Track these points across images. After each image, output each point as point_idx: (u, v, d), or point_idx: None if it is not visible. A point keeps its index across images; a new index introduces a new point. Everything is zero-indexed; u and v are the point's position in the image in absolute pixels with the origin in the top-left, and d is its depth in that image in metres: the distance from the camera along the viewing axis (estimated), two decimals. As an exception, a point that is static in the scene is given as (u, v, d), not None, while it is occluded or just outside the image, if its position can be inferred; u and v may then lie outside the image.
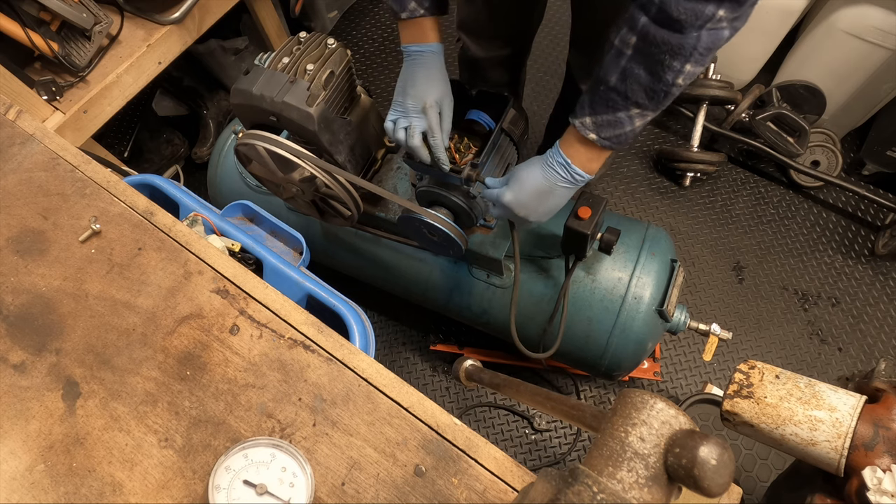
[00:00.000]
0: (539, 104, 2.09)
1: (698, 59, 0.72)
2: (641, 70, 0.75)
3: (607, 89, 0.79)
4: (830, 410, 0.72)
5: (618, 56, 0.76)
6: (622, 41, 0.75)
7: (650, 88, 0.76)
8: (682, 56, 0.71)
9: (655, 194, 1.92)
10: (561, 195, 0.92)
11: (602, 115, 0.82)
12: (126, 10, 1.46)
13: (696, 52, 0.71)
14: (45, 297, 0.82)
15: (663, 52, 0.72)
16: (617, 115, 0.81)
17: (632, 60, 0.75)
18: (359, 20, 2.35)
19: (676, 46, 0.70)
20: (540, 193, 0.91)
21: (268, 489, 0.65)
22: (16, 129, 0.97)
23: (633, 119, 0.81)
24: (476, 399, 1.65)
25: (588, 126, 0.83)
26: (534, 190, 0.91)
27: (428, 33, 0.94)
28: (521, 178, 0.92)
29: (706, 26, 0.68)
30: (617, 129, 0.82)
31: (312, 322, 0.79)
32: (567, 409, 0.59)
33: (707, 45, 0.71)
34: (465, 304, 1.31)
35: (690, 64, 0.72)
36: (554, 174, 0.89)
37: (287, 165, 0.98)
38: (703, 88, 1.80)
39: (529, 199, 0.92)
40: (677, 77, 0.74)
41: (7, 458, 0.71)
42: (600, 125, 0.82)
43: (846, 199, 1.87)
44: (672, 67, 0.73)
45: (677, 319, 1.22)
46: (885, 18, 1.57)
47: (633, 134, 0.83)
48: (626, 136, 0.83)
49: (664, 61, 0.73)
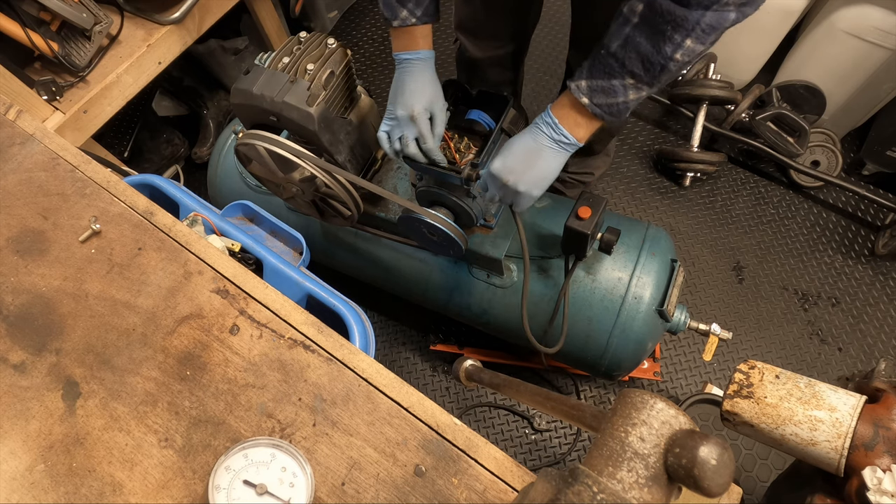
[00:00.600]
0: (539, 104, 2.09)
1: (700, 35, 0.73)
2: (643, 38, 0.76)
3: (607, 54, 0.80)
4: (830, 410, 0.72)
5: (623, 23, 0.77)
6: (630, 9, 0.76)
7: (648, 59, 0.77)
8: (684, 30, 0.72)
9: (655, 194, 1.92)
10: (548, 158, 0.91)
11: (597, 80, 0.82)
12: (126, 10, 1.46)
13: (699, 28, 0.72)
14: (45, 297, 0.82)
15: (666, 22, 0.72)
16: (612, 83, 0.81)
17: (635, 28, 0.76)
18: (359, 20, 2.35)
19: (680, 19, 0.71)
20: (526, 155, 0.91)
21: (268, 489, 0.65)
22: (16, 129, 0.97)
23: (627, 90, 0.81)
24: (476, 399, 1.65)
25: (582, 90, 0.84)
26: (520, 152, 0.91)
27: (418, 41, 0.95)
28: (509, 144, 0.93)
29: (712, 7, 0.70)
30: (609, 96, 0.82)
31: (312, 322, 0.79)
32: (567, 409, 0.59)
33: (710, 24, 0.72)
34: (465, 304, 1.31)
35: (691, 39, 0.73)
36: (540, 133, 0.89)
37: (287, 165, 0.98)
38: (703, 88, 1.80)
39: (516, 163, 0.91)
40: (676, 51, 0.75)
41: (7, 458, 0.71)
42: (594, 90, 0.83)
43: (846, 199, 1.87)
44: (673, 40, 0.74)
45: (677, 319, 1.22)
46: (885, 18, 1.57)
47: (624, 107, 0.84)
48: (618, 107, 0.83)
49: (665, 32, 0.73)
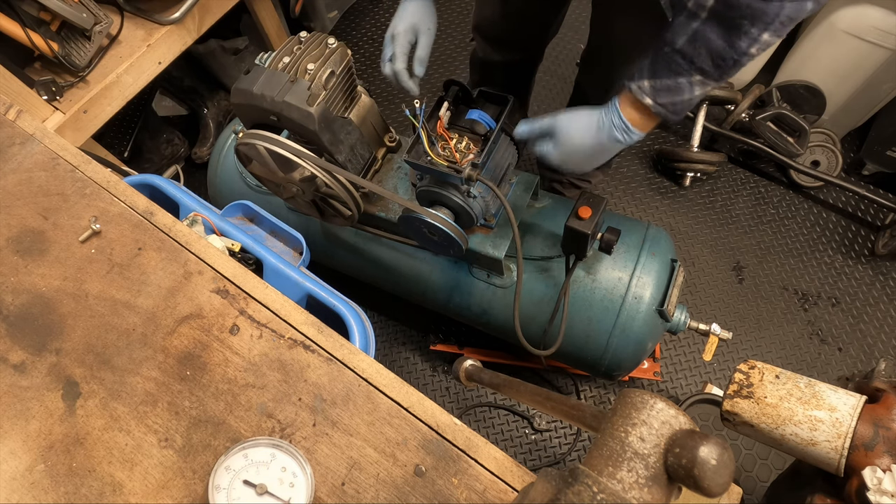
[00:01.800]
0: (539, 104, 2.09)
1: (778, 28, 0.70)
2: (714, 34, 0.73)
3: (672, 52, 0.77)
4: (830, 410, 0.72)
5: (690, 18, 0.74)
6: (697, 4, 0.73)
7: (719, 55, 0.74)
8: (763, 22, 0.69)
9: (655, 194, 1.92)
10: (609, 152, 0.92)
11: (662, 80, 0.79)
12: (126, 10, 1.46)
13: (778, 21, 0.69)
14: (45, 297, 0.82)
15: (744, 16, 0.69)
16: (678, 81, 0.78)
17: (705, 23, 0.73)
18: (359, 20, 2.35)
19: (759, 12, 0.68)
20: (592, 151, 0.91)
21: (268, 489, 0.65)
22: (16, 129, 0.97)
23: (694, 86, 0.79)
24: (476, 399, 1.65)
25: (645, 90, 0.81)
26: (587, 149, 0.91)
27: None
28: (570, 135, 0.91)
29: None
30: (675, 95, 0.80)
31: (312, 322, 0.79)
32: (567, 409, 0.59)
33: (789, 15, 0.69)
34: (465, 304, 1.31)
35: (769, 33, 0.70)
36: (611, 135, 0.87)
37: (287, 165, 0.98)
38: (703, 88, 1.80)
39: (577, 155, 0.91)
40: (752, 45, 0.72)
41: (7, 458, 0.71)
42: (658, 90, 0.80)
43: (846, 199, 1.87)
44: (749, 34, 0.71)
45: (677, 319, 1.22)
46: (885, 18, 1.57)
47: (689, 104, 0.81)
48: (683, 104, 0.81)
49: (742, 27, 0.70)
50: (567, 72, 2.15)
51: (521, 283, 1.08)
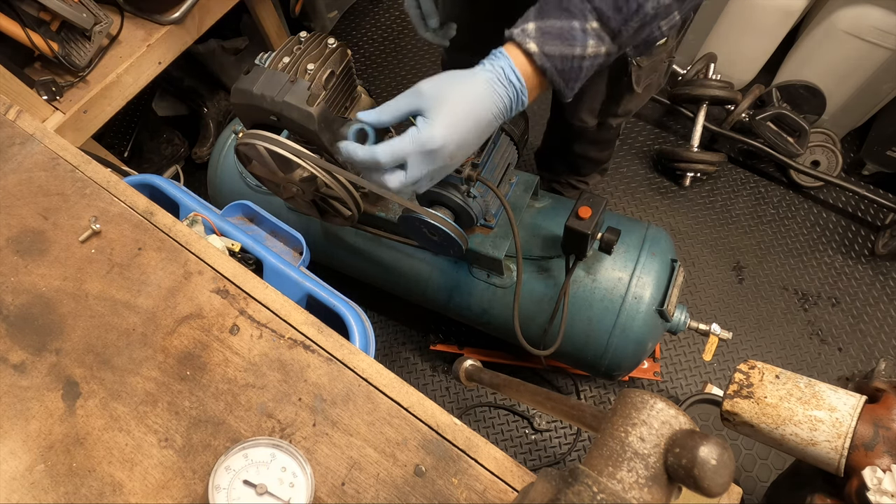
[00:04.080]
0: (539, 104, 2.08)
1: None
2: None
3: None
4: (830, 410, 0.72)
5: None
6: None
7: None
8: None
9: (655, 194, 1.92)
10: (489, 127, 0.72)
11: (551, 20, 0.65)
12: (126, 10, 1.46)
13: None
14: (45, 297, 0.82)
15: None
16: (571, 24, 0.65)
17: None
18: (359, 20, 2.35)
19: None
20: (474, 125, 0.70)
21: (268, 489, 0.65)
22: (16, 129, 0.97)
23: (587, 37, 0.65)
24: (476, 399, 1.65)
25: (530, 33, 0.66)
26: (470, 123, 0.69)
27: None
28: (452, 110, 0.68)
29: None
30: (565, 45, 0.65)
31: (312, 322, 0.79)
32: (567, 409, 0.59)
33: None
34: (465, 304, 1.31)
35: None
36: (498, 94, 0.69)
37: (287, 165, 0.98)
38: (703, 88, 1.80)
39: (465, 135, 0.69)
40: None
41: (7, 458, 0.71)
42: (546, 33, 0.66)
43: (846, 199, 1.87)
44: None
45: (677, 319, 1.22)
46: (885, 18, 1.57)
47: (579, 67, 0.67)
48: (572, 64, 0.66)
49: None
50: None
51: (521, 284, 1.08)
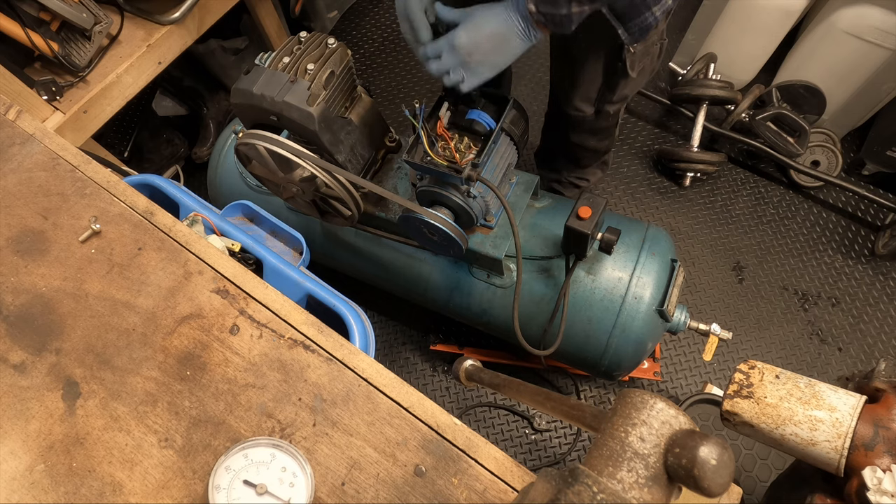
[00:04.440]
0: (539, 104, 2.09)
1: None
2: None
3: None
4: (830, 410, 0.72)
5: None
6: None
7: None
8: None
9: (655, 194, 1.92)
10: (514, 46, 0.91)
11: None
12: (126, 10, 1.46)
13: None
14: (45, 297, 0.82)
15: None
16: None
17: None
18: (359, 20, 2.35)
19: None
20: (494, 37, 0.90)
21: (268, 489, 0.65)
22: (16, 129, 0.97)
23: (571, 3, 0.83)
24: (476, 399, 1.65)
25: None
26: (489, 33, 0.89)
27: None
28: (474, 21, 0.91)
29: None
30: (552, 7, 0.84)
31: (312, 322, 0.79)
32: (567, 409, 0.59)
33: None
34: (465, 304, 1.31)
35: None
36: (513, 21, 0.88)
37: (287, 165, 0.98)
38: (703, 88, 1.80)
39: (482, 42, 0.90)
40: None
41: (7, 458, 0.71)
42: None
43: (846, 199, 1.87)
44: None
45: (677, 319, 1.22)
46: (885, 18, 1.57)
47: (567, 19, 0.85)
48: (560, 18, 0.84)
49: None
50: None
51: (521, 284, 1.08)
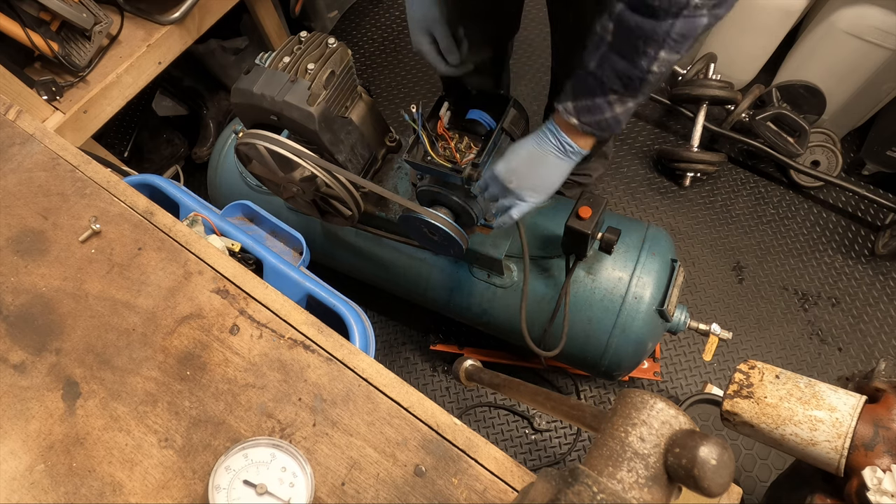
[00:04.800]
0: (539, 104, 2.09)
1: (673, 45, 0.72)
2: (617, 56, 0.76)
3: (586, 74, 0.80)
4: (830, 410, 0.72)
5: (599, 42, 0.77)
6: (602, 28, 0.76)
7: (625, 75, 0.77)
8: (656, 43, 0.72)
9: (655, 194, 1.92)
10: (553, 165, 0.91)
11: (581, 101, 0.82)
12: (126, 10, 1.46)
13: (670, 39, 0.71)
14: (45, 297, 0.82)
15: (637, 37, 0.72)
16: (595, 101, 0.81)
17: (610, 48, 0.76)
18: (359, 20, 2.35)
19: (650, 32, 0.71)
20: (531, 161, 0.91)
21: (268, 489, 0.65)
22: (16, 129, 0.97)
23: (613, 105, 0.81)
24: (476, 399, 1.65)
25: (570, 111, 0.84)
26: (525, 157, 0.91)
27: None
28: (512, 149, 0.93)
29: (682, 13, 0.68)
30: (596, 114, 0.82)
31: (312, 322, 0.79)
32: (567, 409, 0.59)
33: (681, 33, 0.70)
34: (465, 304, 1.31)
35: (665, 51, 0.73)
36: (545, 140, 0.89)
37: (288, 165, 0.98)
38: (703, 88, 1.79)
39: (520, 167, 0.91)
40: (651, 64, 0.74)
41: (7, 458, 0.71)
42: (580, 110, 0.83)
43: (846, 199, 1.87)
44: (647, 54, 0.73)
45: (677, 319, 1.22)
46: (885, 18, 1.57)
47: (614, 121, 0.83)
48: (608, 122, 0.83)
49: (639, 48, 0.73)
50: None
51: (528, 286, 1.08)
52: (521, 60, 2.17)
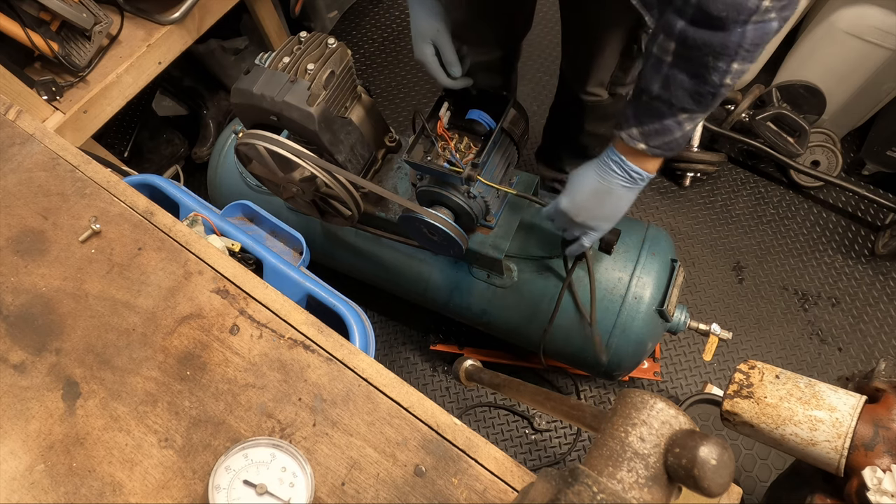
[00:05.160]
0: (539, 104, 2.09)
1: (745, 56, 0.67)
2: (684, 75, 0.71)
3: (650, 99, 0.76)
4: (830, 410, 0.72)
5: (658, 64, 0.72)
6: (661, 48, 0.71)
7: (696, 92, 0.73)
8: (727, 56, 0.67)
9: (655, 194, 1.92)
10: (620, 196, 0.88)
11: (649, 125, 0.79)
12: (126, 10, 1.46)
13: (743, 49, 0.66)
14: (45, 297, 0.82)
15: (705, 54, 0.67)
16: (664, 123, 0.78)
17: (673, 67, 0.71)
18: (359, 20, 2.35)
19: (719, 46, 0.66)
20: (597, 194, 0.89)
21: (268, 489, 0.65)
22: (16, 129, 0.97)
23: (683, 124, 0.78)
24: (476, 399, 1.65)
25: (636, 137, 0.81)
26: (590, 191, 0.89)
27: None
28: (574, 182, 0.91)
29: (752, 20, 0.63)
30: (666, 136, 0.80)
31: (312, 322, 0.79)
32: (567, 409, 0.59)
33: (754, 41, 0.65)
34: (465, 304, 1.31)
35: (738, 62, 0.67)
36: (609, 172, 0.86)
37: (287, 165, 0.98)
38: (703, 88, 1.79)
39: (586, 201, 0.89)
40: (724, 77, 0.70)
41: (7, 458, 0.71)
42: (648, 134, 0.80)
43: (846, 199, 1.87)
44: (717, 69, 0.68)
45: (677, 319, 1.22)
46: (885, 18, 1.57)
47: (684, 138, 0.81)
48: (678, 141, 0.81)
49: (708, 63, 0.68)
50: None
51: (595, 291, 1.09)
52: (521, 61, 2.16)
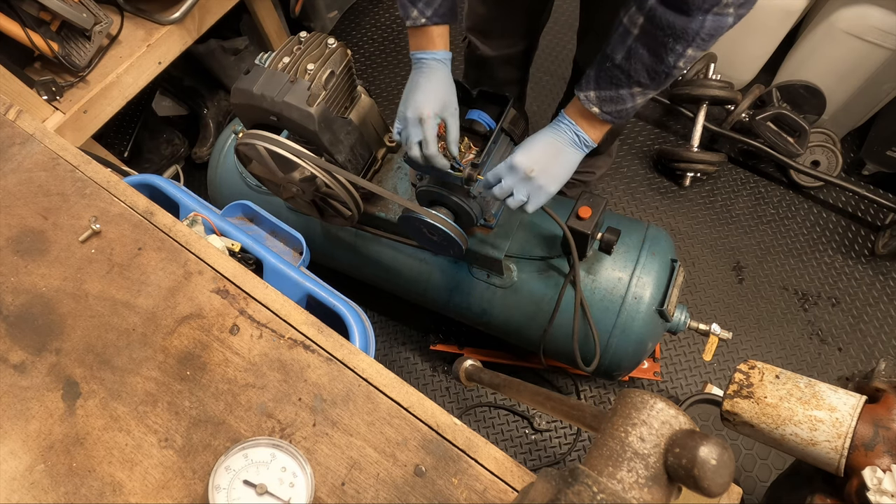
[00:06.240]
0: (539, 104, 2.09)
1: (700, 44, 0.75)
2: (645, 51, 0.78)
3: (612, 66, 0.83)
4: (830, 410, 0.72)
5: (625, 35, 0.79)
6: (630, 20, 0.78)
7: (652, 69, 0.80)
8: (685, 40, 0.74)
9: (655, 194, 1.92)
10: (568, 155, 0.93)
11: (605, 91, 0.85)
12: (126, 10, 1.46)
13: (699, 38, 0.74)
14: (45, 297, 0.82)
15: (667, 34, 0.74)
16: (619, 92, 0.84)
17: (637, 40, 0.78)
18: (359, 20, 2.35)
19: (680, 30, 0.73)
20: (548, 150, 0.93)
21: (268, 489, 0.65)
22: (16, 129, 0.97)
23: (635, 96, 0.85)
24: (476, 399, 1.65)
25: (592, 100, 0.87)
26: (544, 147, 0.93)
27: (435, 41, 0.95)
28: (529, 141, 0.95)
29: (713, 10, 0.71)
30: (618, 104, 0.86)
31: (312, 322, 0.79)
32: (567, 409, 0.59)
33: (710, 31, 0.73)
34: (465, 304, 1.31)
35: (692, 48, 0.75)
36: (560, 132, 0.92)
37: (287, 165, 0.98)
38: (703, 88, 1.79)
39: (539, 156, 0.93)
40: (678, 60, 0.77)
41: (7, 458, 0.71)
42: (603, 100, 0.86)
43: (846, 199, 1.87)
44: (674, 50, 0.76)
45: (677, 319, 1.22)
46: (885, 18, 1.57)
47: (632, 110, 0.88)
48: (627, 111, 0.87)
49: (667, 44, 0.75)
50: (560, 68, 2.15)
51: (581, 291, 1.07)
52: (521, 60, 2.17)
